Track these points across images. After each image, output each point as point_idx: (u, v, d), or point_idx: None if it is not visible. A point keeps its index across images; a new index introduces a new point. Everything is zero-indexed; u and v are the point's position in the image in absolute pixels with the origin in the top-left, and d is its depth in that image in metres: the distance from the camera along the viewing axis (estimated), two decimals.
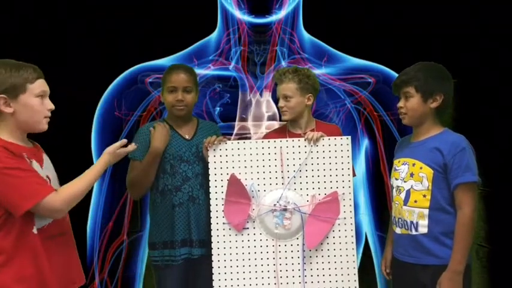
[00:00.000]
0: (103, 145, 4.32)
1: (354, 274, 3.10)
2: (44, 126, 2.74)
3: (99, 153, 4.30)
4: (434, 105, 3.05)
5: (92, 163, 4.21)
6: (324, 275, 3.09)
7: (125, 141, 2.95)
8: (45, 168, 2.73)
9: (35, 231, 2.60)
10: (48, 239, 2.65)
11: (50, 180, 2.71)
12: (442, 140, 3.02)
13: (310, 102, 3.44)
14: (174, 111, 3.43)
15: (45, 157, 2.81)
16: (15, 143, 2.63)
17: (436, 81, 3.05)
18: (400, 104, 3.10)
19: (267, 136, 3.59)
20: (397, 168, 3.14)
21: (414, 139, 3.16)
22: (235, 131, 4.42)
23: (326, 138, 3.14)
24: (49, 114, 2.74)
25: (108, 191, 4.34)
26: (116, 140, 4.23)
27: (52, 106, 2.74)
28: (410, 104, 3.06)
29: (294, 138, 3.18)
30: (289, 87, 3.38)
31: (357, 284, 3.09)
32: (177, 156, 3.37)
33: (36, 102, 2.67)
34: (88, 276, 4.31)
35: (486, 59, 4.12)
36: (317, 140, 3.13)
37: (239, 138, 4.32)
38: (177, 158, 3.37)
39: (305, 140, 3.15)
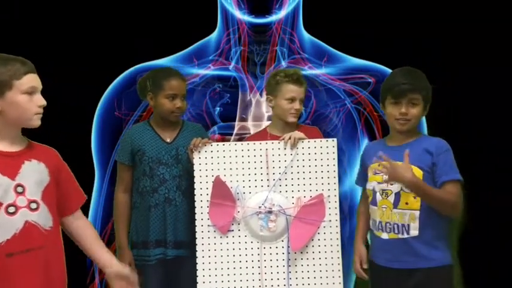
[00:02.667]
0: (103, 145, 4.36)
1: (339, 276, 3.08)
2: (35, 122, 2.56)
3: (99, 153, 4.36)
4: (425, 113, 3.14)
5: (91, 163, 4.30)
6: (309, 277, 3.08)
7: None
8: (21, 176, 2.52)
9: None
10: (3, 258, 2.44)
11: (24, 190, 2.51)
12: (427, 142, 3.07)
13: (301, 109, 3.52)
14: (171, 117, 3.48)
15: (28, 164, 2.57)
16: None
17: (431, 90, 3.10)
18: (404, 109, 3.03)
19: (248, 139, 3.60)
20: (378, 171, 3.09)
21: (394, 143, 3.15)
22: (235, 131, 4.42)
23: (312, 140, 3.14)
24: (40, 110, 2.56)
25: (108, 191, 4.35)
26: (116, 140, 4.30)
27: (43, 102, 2.56)
28: (417, 111, 3.05)
29: (279, 141, 3.17)
30: (304, 91, 3.46)
31: (341, 286, 3.08)
32: (156, 159, 3.41)
33: (24, 99, 2.50)
34: (88, 276, 4.34)
35: (485, 59, 4.09)
36: (295, 142, 3.14)
37: (239, 139, 4.32)
38: (156, 161, 3.41)
39: (280, 141, 3.18)
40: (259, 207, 3.09)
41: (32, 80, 2.54)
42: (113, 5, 4.36)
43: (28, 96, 2.51)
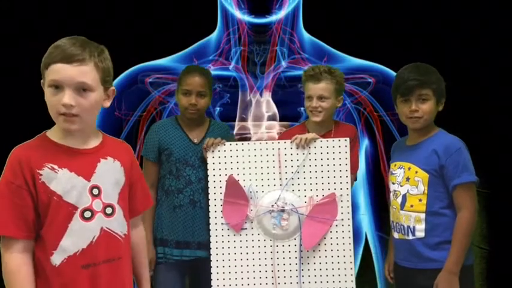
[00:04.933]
0: None
1: (351, 275, 3.10)
2: (61, 124, 2.20)
3: None
4: (440, 108, 3.05)
5: None
6: (322, 275, 3.09)
7: None
8: (96, 177, 2.26)
9: (54, 261, 2.17)
10: (79, 270, 2.19)
11: (100, 192, 2.26)
12: (437, 141, 3.00)
13: (340, 104, 3.45)
14: (186, 114, 3.45)
15: (104, 162, 2.31)
16: (58, 142, 2.23)
17: (443, 84, 3.05)
18: (414, 106, 2.98)
19: (284, 134, 3.62)
20: (393, 172, 3.12)
21: (410, 142, 3.13)
22: (235, 131, 4.42)
23: (324, 140, 3.14)
24: (62, 110, 2.14)
25: None
26: None
27: (65, 100, 2.13)
28: (428, 107, 2.99)
29: (291, 141, 3.16)
30: (327, 87, 3.34)
31: (354, 284, 3.10)
32: (183, 160, 3.39)
33: (47, 93, 2.17)
34: None
35: (484, 58, 4.12)
36: (306, 144, 3.14)
37: (239, 139, 4.33)
38: (183, 162, 3.39)
39: (291, 142, 3.16)
40: (272, 205, 3.10)
41: (57, 71, 2.15)
42: (113, 5, 4.35)
43: (52, 91, 2.17)
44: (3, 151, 2.30)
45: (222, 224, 3.13)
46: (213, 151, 3.16)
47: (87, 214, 2.21)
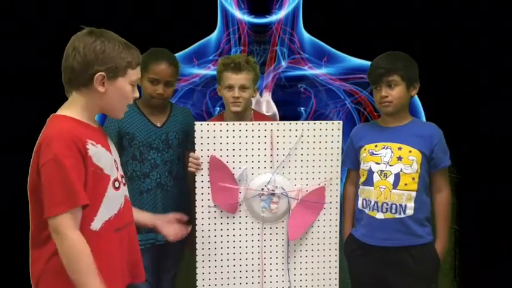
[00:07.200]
0: None
1: (336, 255, 3.13)
2: (122, 114, 2.54)
3: None
4: (414, 93, 3.16)
5: None
6: (307, 256, 3.11)
7: None
8: (113, 150, 2.53)
9: (95, 226, 2.35)
10: (112, 233, 2.42)
11: (117, 164, 2.53)
12: (422, 126, 3.22)
13: (255, 94, 3.50)
14: (152, 102, 3.40)
15: (109, 139, 2.58)
16: (86, 122, 2.41)
17: (414, 69, 3.15)
18: (384, 93, 3.12)
19: None
20: (375, 152, 3.13)
21: (388, 124, 3.21)
22: None
23: (317, 122, 3.10)
24: (131, 102, 2.54)
25: None
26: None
27: (137, 94, 2.53)
28: (397, 92, 3.10)
29: (285, 122, 3.11)
30: (247, 77, 3.36)
31: (337, 264, 3.14)
32: (147, 143, 3.36)
33: (129, 89, 2.46)
34: None
35: (484, 58, 4.10)
36: None
37: None
38: (147, 145, 3.36)
39: None
40: (262, 189, 3.05)
41: (139, 72, 2.51)
42: (113, 5, 4.36)
43: (132, 88, 2.48)
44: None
45: (208, 206, 3.07)
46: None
47: (116, 184, 2.45)
